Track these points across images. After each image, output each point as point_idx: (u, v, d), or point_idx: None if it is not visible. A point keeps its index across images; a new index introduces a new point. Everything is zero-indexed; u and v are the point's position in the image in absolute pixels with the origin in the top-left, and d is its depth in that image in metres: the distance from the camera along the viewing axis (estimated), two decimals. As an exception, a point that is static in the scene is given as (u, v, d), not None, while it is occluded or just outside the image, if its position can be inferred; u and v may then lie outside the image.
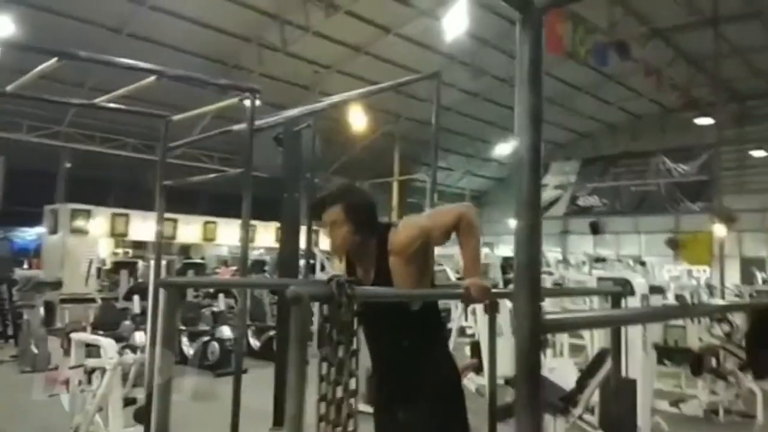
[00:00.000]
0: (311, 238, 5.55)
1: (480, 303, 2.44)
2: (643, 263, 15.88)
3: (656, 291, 6.70)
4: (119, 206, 14.96)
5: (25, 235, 17.55)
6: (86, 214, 12.75)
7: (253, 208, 3.84)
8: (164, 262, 5.14)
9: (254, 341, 8.70)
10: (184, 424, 4.46)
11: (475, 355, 5.47)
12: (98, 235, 13.28)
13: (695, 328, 7.13)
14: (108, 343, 4.39)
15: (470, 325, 7.98)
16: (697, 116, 18.13)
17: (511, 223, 19.62)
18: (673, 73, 15.88)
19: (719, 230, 15.29)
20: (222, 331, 8.19)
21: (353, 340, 1.54)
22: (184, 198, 14.05)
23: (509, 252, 17.58)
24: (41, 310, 7.08)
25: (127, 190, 17.75)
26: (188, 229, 15.70)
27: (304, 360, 1.45)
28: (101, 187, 17.29)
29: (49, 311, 8.00)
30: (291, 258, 5.31)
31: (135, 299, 7.52)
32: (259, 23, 13.92)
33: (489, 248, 19.40)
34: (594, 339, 6.73)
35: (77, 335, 4.76)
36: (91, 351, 4.68)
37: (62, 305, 9.72)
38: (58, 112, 15.02)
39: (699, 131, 19.60)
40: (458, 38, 12.65)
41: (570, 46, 11.93)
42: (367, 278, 2.46)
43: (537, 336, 1.03)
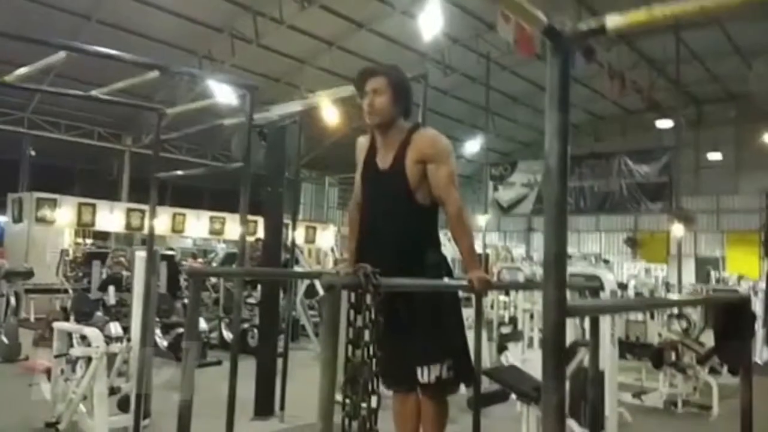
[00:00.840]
0: (293, 232, 5.65)
1: (484, 295, 2.60)
2: (607, 261, 16.39)
3: (621, 287, 7.04)
4: (83, 196, 14.70)
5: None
6: (52, 203, 12.50)
7: (225, 201, 3.88)
8: (142, 254, 5.13)
9: (228, 334, 8.71)
10: (166, 414, 4.50)
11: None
12: (64, 225, 13.04)
13: (655, 324, 7.46)
14: (93, 333, 4.41)
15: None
16: (658, 119, 18.77)
17: (481, 219, 19.67)
18: (636, 76, 16.40)
19: (677, 230, 15.89)
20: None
21: (378, 325, 1.68)
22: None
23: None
24: (12, 300, 6.98)
25: (92, 180, 17.45)
26: (157, 221, 15.47)
27: (336, 343, 1.58)
28: (65, 176, 16.95)
29: (18, 302, 7.87)
30: (274, 251, 5.41)
31: (110, 290, 7.48)
32: (232, 14, 13.85)
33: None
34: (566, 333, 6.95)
35: (60, 324, 4.76)
36: (68, 341, 4.68)
37: (28, 295, 9.58)
38: (22, 97, 14.66)
39: (658, 133, 20.31)
40: (430, 36, 12.83)
41: (540, 48, 12.21)
42: (385, 163, 2.64)
43: (563, 319, 1.18)
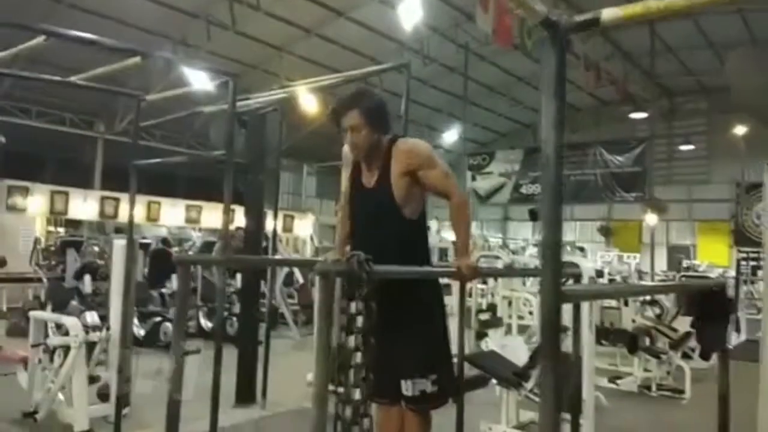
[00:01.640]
0: (276, 221, 5.63)
1: (471, 281, 2.63)
2: (582, 249, 16.65)
3: (598, 275, 7.15)
4: (56, 184, 14.39)
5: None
6: (24, 191, 12.23)
7: (200, 189, 3.85)
8: (121, 242, 5.08)
9: (206, 322, 8.66)
10: (146, 403, 4.49)
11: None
12: (36, 213, 12.78)
13: (629, 310, 7.61)
14: (72, 322, 4.36)
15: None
16: (632, 111, 19.02)
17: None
18: (611, 68, 16.58)
19: (650, 219, 16.18)
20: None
21: (371, 312, 1.70)
22: (126, 177, 13.64)
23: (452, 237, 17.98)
24: (-15, 289, 6.85)
25: (64, 167, 17.08)
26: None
27: (330, 329, 1.59)
28: (37, 164, 16.57)
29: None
30: (255, 239, 5.40)
31: (86, 279, 7.38)
32: None
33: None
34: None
35: (37, 313, 4.69)
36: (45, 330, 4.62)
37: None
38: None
39: (632, 124, 20.59)
40: (410, 26, 12.82)
41: (518, 39, 12.28)
42: (370, 182, 2.67)
43: (559, 304, 1.22)
